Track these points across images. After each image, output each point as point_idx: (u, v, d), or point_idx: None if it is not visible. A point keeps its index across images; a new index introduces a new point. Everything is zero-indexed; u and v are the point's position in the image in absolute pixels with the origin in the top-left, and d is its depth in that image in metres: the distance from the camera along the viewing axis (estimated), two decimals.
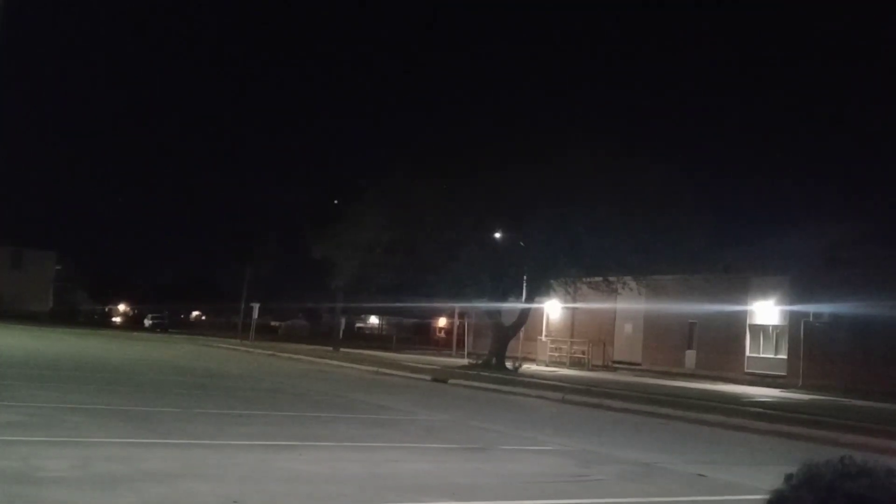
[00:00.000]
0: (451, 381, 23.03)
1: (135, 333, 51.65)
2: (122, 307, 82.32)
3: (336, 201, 36.95)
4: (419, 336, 65.45)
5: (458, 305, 39.48)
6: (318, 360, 30.35)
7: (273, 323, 68.43)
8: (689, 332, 38.03)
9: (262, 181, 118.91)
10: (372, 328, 76.82)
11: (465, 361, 32.40)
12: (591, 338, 40.72)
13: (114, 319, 77.31)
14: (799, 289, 32.26)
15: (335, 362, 29.07)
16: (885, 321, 26.36)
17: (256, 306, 45.35)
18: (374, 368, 26.17)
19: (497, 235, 31.64)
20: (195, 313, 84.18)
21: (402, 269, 31.87)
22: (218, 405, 12.91)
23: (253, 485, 6.78)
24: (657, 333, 39.26)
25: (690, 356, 37.88)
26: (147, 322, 65.21)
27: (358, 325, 72.44)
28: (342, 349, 38.80)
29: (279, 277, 57.16)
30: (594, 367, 38.17)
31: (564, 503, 7.07)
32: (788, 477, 1.52)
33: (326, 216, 35.18)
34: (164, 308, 67.88)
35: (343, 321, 48.25)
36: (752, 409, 18.25)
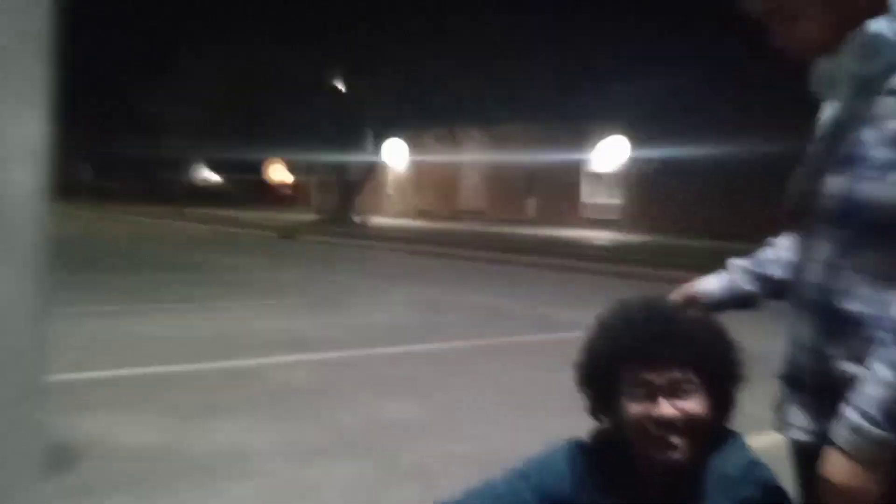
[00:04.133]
0: (298, 237, 22.92)
1: None
2: None
3: (163, 53, 34.84)
4: (263, 193, 64.16)
5: (302, 160, 38.84)
6: (159, 220, 29.34)
7: (105, 184, 65.00)
8: (530, 181, 39.22)
9: (83, 29, 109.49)
10: (213, 185, 74.52)
11: (312, 217, 32.21)
12: (437, 189, 41.32)
13: None
14: (633, 136, 33.65)
15: (177, 222, 28.20)
16: (714, 165, 27.97)
17: (86, 166, 42.85)
18: (219, 227, 25.61)
19: (341, 88, 30.93)
20: None
21: (242, 124, 30.82)
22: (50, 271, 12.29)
23: (97, 350, 6.59)
24: (500, 183, 40.25)
25: (531, 204, 39.25)
26: None
27: (198, 183, 70.01)
28: (183, 208, 37.60)
29: (107, 136, 53.83)
30: (440, 218, 38.94)
31: (417, 348, 7.31)
32: (601, 314, 1.67)
33: (155, 69, 33.16)
34: None
35: (182, 179, 46.53)
36: (591, 252, 19.31)
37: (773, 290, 1.71)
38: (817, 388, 1.39)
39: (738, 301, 1.75)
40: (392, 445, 4.44)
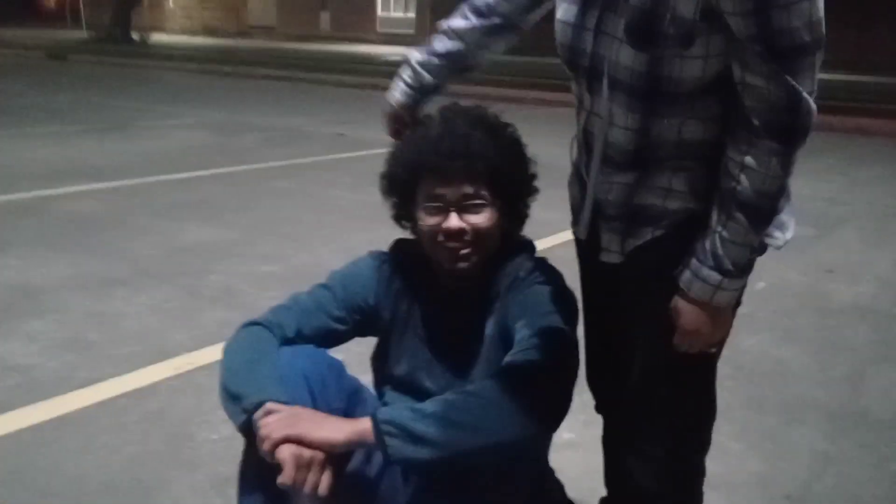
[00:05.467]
0: (70, 56, 20.98)
1: None
2: None
3: None
4: (23, 8, 57.51)
5: None
6: None
7: None
8: None
9: None
10: None
11: (85, 35, 29.45)
12: (224, 3, 38.80)
13: None
14: None
15: None
16: None
17: None
18: None
19: None
20: None
21: None
22: None
23: None
24: None
25: (325, 18, 37.89)
26: None
27: None
28: None
29: None
30: (229, 34, 36.87)
31: (212, 172, 7.12)
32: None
33: None
34: None
35: None
36: (384, 69, 19.12)
37: (451, 75, 1.81)
38: (623, 216, 1.54)
39: (425, 94, 1.81)
40: (194, 270, 4.41)
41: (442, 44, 1.78)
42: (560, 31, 1.51)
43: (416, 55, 1.81)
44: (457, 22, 1.76)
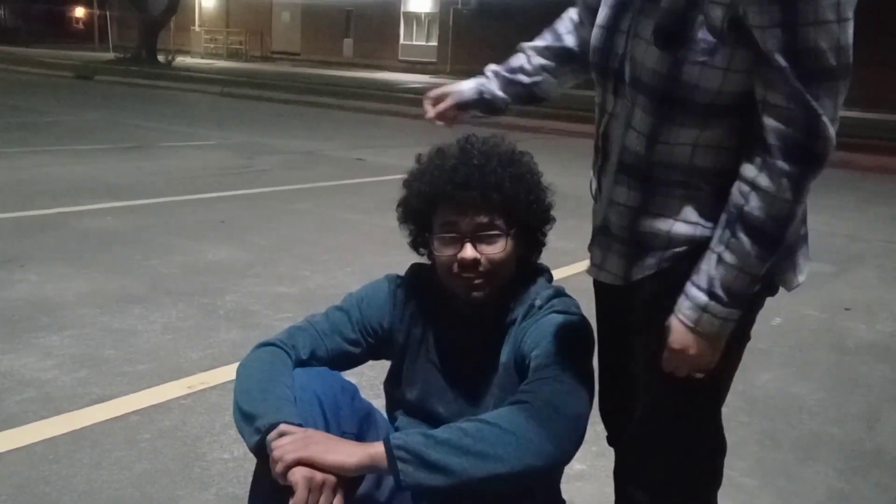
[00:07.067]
0: (97, 77, 21.29)
1: None
2: None
3: None
4: (53, 28, 58.41)
5: None
6: None
7: None
8: (346, 21, 38.05)
9: None
10: None
11: (111, 56, 29.88)
12: (248, 27, 39.30)
13: None
14: None
15: None
16: (527, 8, 28.16)
17: None
18: (4, 66, 23.28)
19: None
20: None
21: None
22: None
23: None
24: (315, 22, 38.83)
25: (348, 45, 38.26)
26: None
27: None
28: None
29: None
30: (252, 59, 37.29)
31: (230, 194, 7.18)
32: (419, 156, 1.73)
33: None
34: None
35: None
36: (405, 96, 19.26)
37: (520, 96, 1.84)
38: (627, 240, 1.52)
39: (486, 104, 1.86)
40: (210, 289, 4.43)
41: (515, 59, 1.84)
42: (595, 36, 1.52)
43: (491, 65, 1.87)
44: (533, 42, 1.82)
